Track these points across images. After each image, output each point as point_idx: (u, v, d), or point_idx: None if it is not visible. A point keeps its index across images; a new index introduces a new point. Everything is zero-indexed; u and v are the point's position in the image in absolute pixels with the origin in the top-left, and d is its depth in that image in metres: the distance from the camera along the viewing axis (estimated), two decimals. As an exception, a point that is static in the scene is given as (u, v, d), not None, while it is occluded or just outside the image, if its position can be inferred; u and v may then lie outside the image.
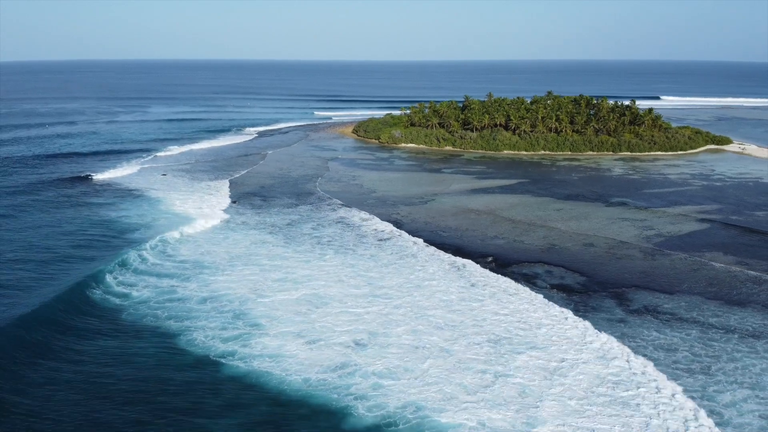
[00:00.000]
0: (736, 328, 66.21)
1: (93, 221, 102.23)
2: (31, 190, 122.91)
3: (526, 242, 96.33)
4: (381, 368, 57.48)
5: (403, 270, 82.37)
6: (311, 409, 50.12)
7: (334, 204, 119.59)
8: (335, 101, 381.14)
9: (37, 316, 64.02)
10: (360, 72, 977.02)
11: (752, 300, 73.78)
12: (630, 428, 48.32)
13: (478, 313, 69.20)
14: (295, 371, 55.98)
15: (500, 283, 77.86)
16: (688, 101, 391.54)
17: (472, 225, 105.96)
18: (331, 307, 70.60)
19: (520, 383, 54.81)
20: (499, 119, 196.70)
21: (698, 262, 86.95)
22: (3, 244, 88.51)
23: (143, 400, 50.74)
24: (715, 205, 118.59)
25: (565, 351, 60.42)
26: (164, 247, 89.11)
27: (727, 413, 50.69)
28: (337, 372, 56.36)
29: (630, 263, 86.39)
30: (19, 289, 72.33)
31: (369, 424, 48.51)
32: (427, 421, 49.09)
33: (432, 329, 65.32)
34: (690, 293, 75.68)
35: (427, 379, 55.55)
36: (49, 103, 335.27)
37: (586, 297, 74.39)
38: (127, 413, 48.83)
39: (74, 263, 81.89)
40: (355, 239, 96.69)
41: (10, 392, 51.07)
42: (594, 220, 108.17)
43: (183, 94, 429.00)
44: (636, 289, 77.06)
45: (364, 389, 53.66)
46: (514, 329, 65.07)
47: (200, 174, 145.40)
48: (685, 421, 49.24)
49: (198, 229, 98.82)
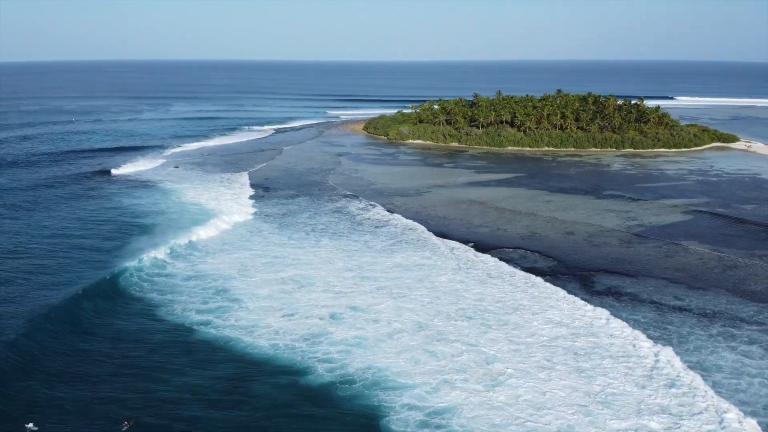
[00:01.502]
0: (693, 310, 69.28)
1: (132, 213, 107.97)
2: (58, 183, 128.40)
3: (508, 230, 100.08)
4: (351, 337, 61.85)
5: (393, 254, 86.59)
6: (274, 369, 54.89)
7: (335, 194, 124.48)
8: (349, 100, 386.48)
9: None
10: (376, 72, 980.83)
11: (717, 285, 76.55)
12: (569, 366, 52.15)
13: (458, 292, 73.15)
14: (265, 338, 60.79)
15: (487, 267, 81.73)
16: (705, 101, 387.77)
17: (461, 214, 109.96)
18: (315, 287, 75.04)
19: (486, 352, 58.65)
20: (505, 116, 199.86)
21: (672, 249, 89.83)
22: (39, 230, 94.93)
23: (120, 355, 56.12)
24: (705, 199, 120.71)
25: (532, 326, 64.29)
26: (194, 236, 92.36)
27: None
28: (307, 341, 60.86)
29: (604, 250, 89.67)
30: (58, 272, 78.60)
31: (325, 382, 53.07)
32: (384, 380, 53.25)
33: (412, 306, 69.10)
34: (657, 278, 78.79)
35: (396, 348, 59.59)
36: (76, 101, 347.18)
37: (553, 279, 77.93)
38: (103, 367, 54.20)
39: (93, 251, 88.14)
40: (349, 226, 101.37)
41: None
42: (580, 211, 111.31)
43: (203, 93, 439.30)
44: (604, 273, 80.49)
45: (329, 354, 58.15)
46: (491, 307, 68.86)
47: (223, 167, 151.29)
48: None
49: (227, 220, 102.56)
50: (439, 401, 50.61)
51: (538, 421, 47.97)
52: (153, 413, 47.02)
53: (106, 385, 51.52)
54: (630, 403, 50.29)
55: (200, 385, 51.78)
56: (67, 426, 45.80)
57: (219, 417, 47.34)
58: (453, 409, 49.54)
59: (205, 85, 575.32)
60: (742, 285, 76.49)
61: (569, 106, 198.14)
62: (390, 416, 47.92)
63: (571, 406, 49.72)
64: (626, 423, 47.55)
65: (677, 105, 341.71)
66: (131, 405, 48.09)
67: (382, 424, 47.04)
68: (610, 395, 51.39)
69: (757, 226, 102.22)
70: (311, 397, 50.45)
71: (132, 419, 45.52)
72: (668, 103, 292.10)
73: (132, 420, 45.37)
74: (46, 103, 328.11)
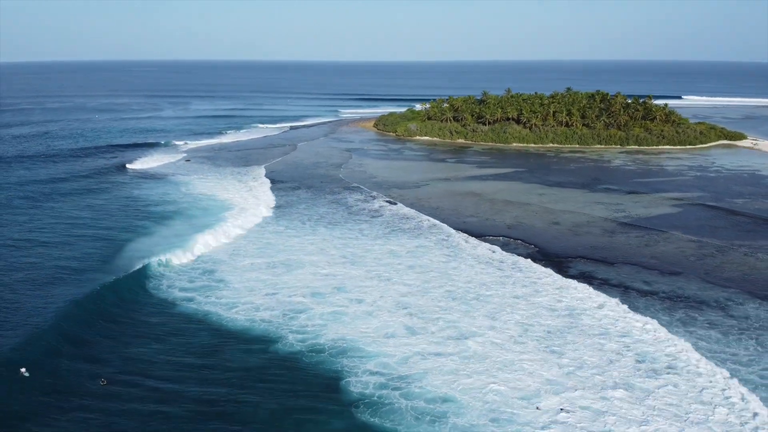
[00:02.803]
0: (659, 294, 71.83)
1: (144, 203, 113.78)
2: (74, 177, 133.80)
3: (497, 220, 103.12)
4: (330, 312, 65.45)
5: (388, 241, 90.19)
6: (247, 339, 58.91)
7: (336, 186, 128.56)
8: (364, 99, 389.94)
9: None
10: (391, 72, 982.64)
11: (690, 272, 78.86)
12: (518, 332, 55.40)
13: (445, 275, 76.57)
14: (244, 313, 64.56)
15: (475, 252, 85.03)
16: (719, 100, 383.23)
17: (454, 205, 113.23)
18: (304, 270, 78.63)
19: (460, 325, 62.17)
20: (511, 113, 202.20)
21: (653, 239, 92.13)
22: (56, 219, 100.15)
23: (105, 321, 60.82)
24: (699, 193, 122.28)
25: (504, 304, 67.69)
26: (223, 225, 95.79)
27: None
28: (286, 316, 64.49)
29: (585, 239, 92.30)
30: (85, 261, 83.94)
31: (295, 350, 56.90)
32: (354, 350, 56.76)
33: (398, 288, 72.34)
34: (631, 264, 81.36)
35: (374, 324, 62.89)
36: (99, 99, 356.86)
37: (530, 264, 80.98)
38: (84, 332, 58.80)
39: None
40: (346, 216, 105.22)
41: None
42: (570, 203, 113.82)
43: (223, 92, 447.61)
44: (580, 259, 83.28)
45: (305, 327, 61.83)
46: (471, 288, 72.32)
47: (235, 162, 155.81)
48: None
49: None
50: (406, 369, 53.90)
51: (501, 386, 50.94)
52: (128, 371, 51.44)
53: (89, 347, 56.19)
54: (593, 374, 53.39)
55: (174, 349, 56.05)
56: (53, 377, 50.29)
57: (189, 376, 51.61)
58: (417, 375, 52.87)
59: (225, 84, 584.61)
60: (716, 272, 78.68)
61: (576, 104, 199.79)
62: (350, 379, 51.61)
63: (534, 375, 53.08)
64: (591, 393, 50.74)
65: (691, 104, 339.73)
66: (111, 364, 52.54)
67: (342, 385, 50.74)
68: (575, 362, 54.52)
69: (745, 218, 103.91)
70: (279, 363, 54.35)
71: (106, 378, 49.87)
72: (681, 102, 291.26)
73: (105, 379, 49.74)
74: (70, 101, 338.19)
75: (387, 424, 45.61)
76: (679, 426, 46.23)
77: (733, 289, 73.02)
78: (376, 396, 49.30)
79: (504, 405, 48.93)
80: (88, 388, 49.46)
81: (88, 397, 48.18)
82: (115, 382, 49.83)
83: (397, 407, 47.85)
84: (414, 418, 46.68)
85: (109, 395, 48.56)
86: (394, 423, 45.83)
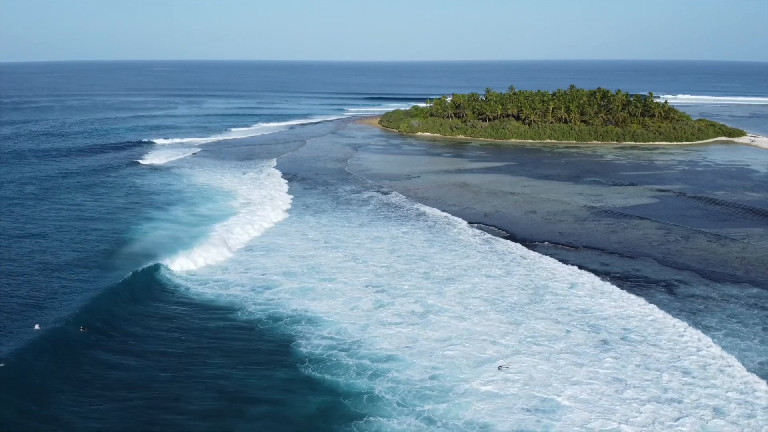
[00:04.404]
0: (611, 273, 75.75)
1: (148, 194, 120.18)
2: (87, 171, 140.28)
3: (476, 208, 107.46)
4: (297, 287, 69.97)
5: (366, 228, 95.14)
6: (210, 308, 63.77)
7: (331, 177, 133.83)
8: (373, 98, 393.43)
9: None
10: (403, 71, 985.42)
11: (648, 255, 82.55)
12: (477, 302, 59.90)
13: (411, 256, 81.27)
14: (212, 288, 69.05)
15: (455, 237, 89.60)
16: (727, 99, 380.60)
17: (439, 195, 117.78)
18: (281, 252, 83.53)
19: (424, 300, 66.20)
20: (511, 110, 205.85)
21: (621, 226, 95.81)
22: (69, 211, 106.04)
23: (81, 289, 66.63)
24: (681, 186, 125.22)
25: (477, 283, 72.27)
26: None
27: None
28: (253, 291, 68.65)
29: (556, 225, 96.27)
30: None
31: (254, 318, 61.59)
32: (312, 319, 60.98)
33: (373, 269, 76.35)
34: (593, 248, 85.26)
35: (340, 298, 66.72)
36: (117, 97, 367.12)
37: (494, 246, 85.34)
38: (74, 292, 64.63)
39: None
40: (334, 204, 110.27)
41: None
42: (552, 194, 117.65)
43: (234, 91, 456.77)
44: (546, 243, 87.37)
45: (270, 300, 65.85)
46: (440, 267, 76.86)
47: (240, 157, 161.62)
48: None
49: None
50: (360, 336, 57.97)
51: (452, 351, 54.97)
52: (102, 323, 57.63)
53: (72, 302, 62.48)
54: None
55: (139, 314, 61.86)
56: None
57: (150, 335, 57.37)
58: (370, 340, 56.96)
59: (239, 83, 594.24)
60: (674, 256, 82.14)
61: (575, 101, 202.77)
62: (301, 341, 56.46)
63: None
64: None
65: (701, 102, 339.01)
66: (88, 320, 58.40)
67: (292, 347, 55.54)
68: (529, 331, 58.97)
69: (721, 207, 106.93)
70: (237, 328, 59.26)
71: (86, 326, 56.32)
72: (689, 100, 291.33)
73: (86, 327, 56.17)
74: (89, 99, 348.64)
75: (327, 377, 50.37)
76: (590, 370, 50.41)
77: (686, 272, 76.46)
78: (324, 356, 54.05)
79: (449, 366, 52.53)
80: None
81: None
82: (92, 330, 55.88)
83: (342, 364, 52.52)
84: (356, 373, 51.35)
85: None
86: (335, 376, 50.57)
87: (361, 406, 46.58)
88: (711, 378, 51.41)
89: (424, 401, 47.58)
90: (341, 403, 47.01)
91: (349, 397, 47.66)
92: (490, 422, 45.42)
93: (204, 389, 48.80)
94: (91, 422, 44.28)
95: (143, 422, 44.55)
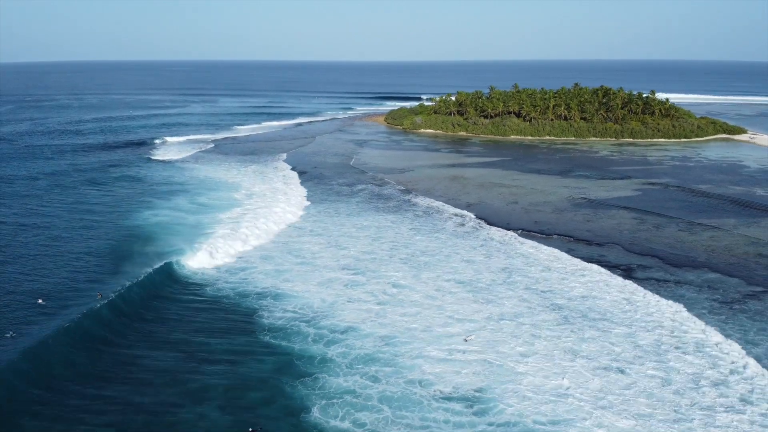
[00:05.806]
0: (576, 255, 79.41)
1: (157, 185, 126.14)
2: (102, 166, 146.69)
3: (461, 199, 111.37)
4: (272, 269, 74.18)
5: (353, 217, 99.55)
6: (184, 284, 68.68)
7: (328, 170, 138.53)
8: (380, 98, 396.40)
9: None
10: (411, 71, 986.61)
11: (615, 241, 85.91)
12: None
13: (392, 240, 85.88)
14: (190, 268, 73.45)
15: (435, 225, 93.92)
16: (738, 99, 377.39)
17: (428, 187, 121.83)
18: (262, 238, 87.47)
19: (398, 283, 69.98)
20: (513, 107, 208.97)
21: (597, 216, 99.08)
22: (85, 204, 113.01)
23: (83, 269, 72.01)
24: (667, 179, 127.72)
25: (447, 266, 76.43)
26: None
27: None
28: (227, 272, 72.94)
29: (534, 215, 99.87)
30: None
31: (222, 294, 66.14)
32: (279, 295, 65.28)
33: (353, 254, 79.98)
34: (565, 235, 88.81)
35: (314, 279, 70.52)
36: (135, 95, 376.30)
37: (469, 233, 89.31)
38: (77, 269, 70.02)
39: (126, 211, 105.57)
40: (325, 195, 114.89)
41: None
42: (539, 187, 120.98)
43: (247, 90, 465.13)
44: (520, 230, 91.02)
45: (242, 279, 70.18)
46: (420, 252, 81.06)
47: (246, 153, 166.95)
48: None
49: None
50: (324, 309, 62.09)
51: (414, 324, 58.91)
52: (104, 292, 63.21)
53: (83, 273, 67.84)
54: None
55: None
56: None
57: (132, 301, 62.66)
58: (332, 313, 61.18)
59: (251, 82, 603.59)
60: (641, 243, 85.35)
61: (576, 98, 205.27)
62: (264, 313, 60.97)
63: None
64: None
65: (710, 101, 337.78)
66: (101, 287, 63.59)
67: (255, 318, 60.06)
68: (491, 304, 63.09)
69: (702, 199, 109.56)
70: (205, 301, 64.16)
71: (102, 293, 62.04)
72: (698, 99, 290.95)
73: (101, 293, 61.81)
74: (108, 97, 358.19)
75: (284, 343, 54.91)
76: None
77: (649, 258, 79.78)
78: (285, 326, 58.49)
79: (407, 336, 56.41)
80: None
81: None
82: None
83: (301, 332, 57.01)
84: (313, 340, 55.77)
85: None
86: (292, 343, 55.05)
87: (312, 367, 51.06)
88: (661, 353, 55.18)
89: (372, 363, 51.86)
90: (294, 363, 51.56)
91: (302, 359, 52.19)
92: (433, 381, 49.42)
93: (167, 350, 53.91)
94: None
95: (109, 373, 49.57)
